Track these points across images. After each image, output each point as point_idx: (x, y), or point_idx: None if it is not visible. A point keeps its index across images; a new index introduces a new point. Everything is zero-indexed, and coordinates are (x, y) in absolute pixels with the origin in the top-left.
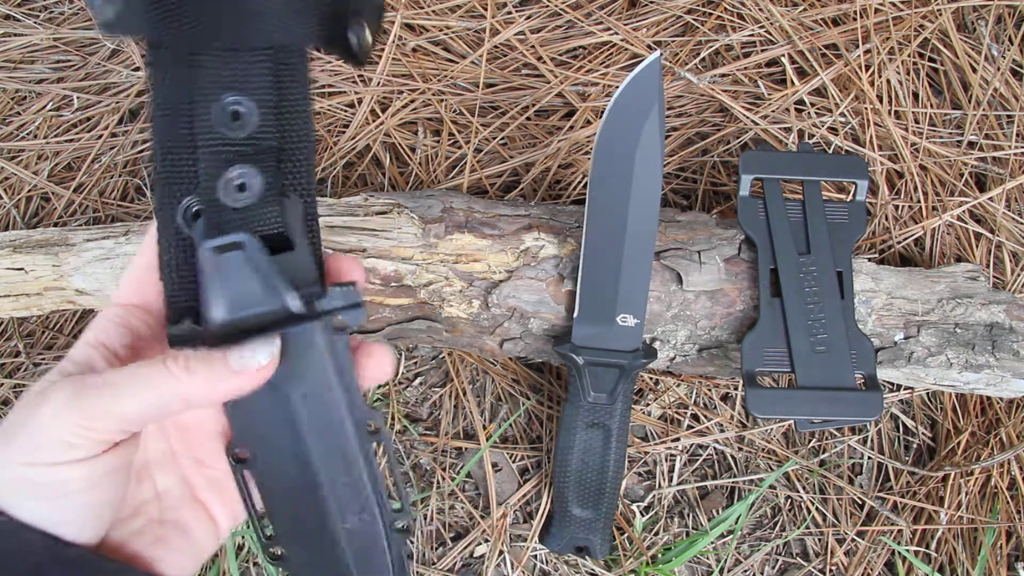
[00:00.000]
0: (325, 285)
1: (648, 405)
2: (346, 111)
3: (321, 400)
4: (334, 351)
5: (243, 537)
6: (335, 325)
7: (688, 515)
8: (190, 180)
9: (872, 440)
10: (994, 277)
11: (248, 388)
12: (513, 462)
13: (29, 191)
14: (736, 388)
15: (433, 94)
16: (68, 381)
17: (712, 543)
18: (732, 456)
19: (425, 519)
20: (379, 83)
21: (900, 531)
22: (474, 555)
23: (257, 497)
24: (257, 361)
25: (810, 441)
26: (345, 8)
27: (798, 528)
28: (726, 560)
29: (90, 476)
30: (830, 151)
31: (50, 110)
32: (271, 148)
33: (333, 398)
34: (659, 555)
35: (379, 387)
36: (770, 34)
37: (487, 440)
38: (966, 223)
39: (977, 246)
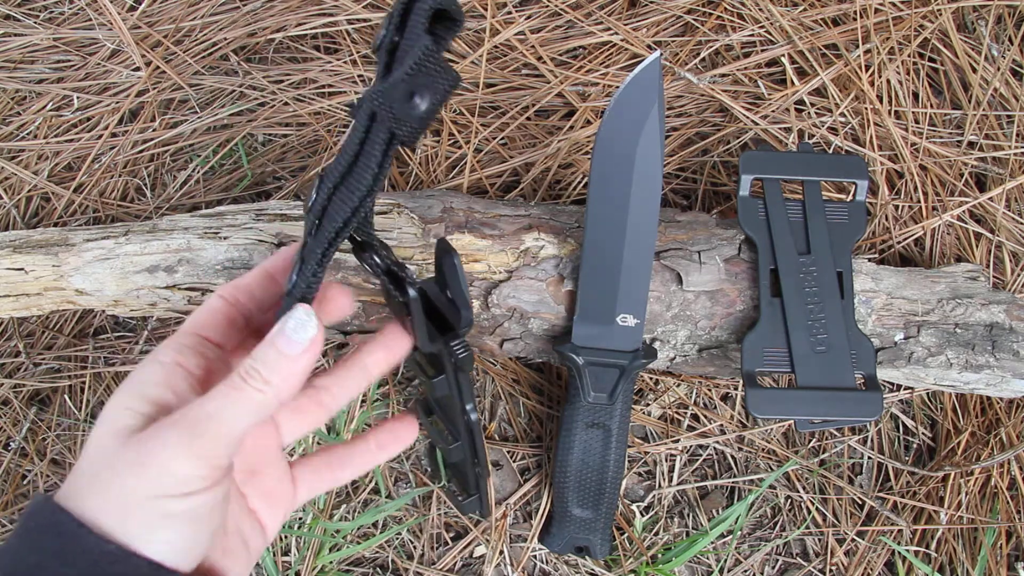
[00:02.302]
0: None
1: (648, 405)
2: (346, 111)
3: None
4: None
5: None
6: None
7: (688, 515)
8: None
9: (872, 440)
10: (994, 277)
11: (313, 358)
12: (513, 462)
13: (29, 191)
14: (736, 388)
15: None
16: (170, 423)
17: (712, 543)
18: (732, 456)
19: (425, 519)
20: None
21: (900, 531)
22: (474, 555)
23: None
24: (308, 334)
25: (810, 441)
26: None
27: (798, 528)
28: (726, 560)
29: (212, 501)
30: (830, 151)
31: (50, 110)
32: None
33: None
34: (659, 555)
35: (379, 387)
36: (770, 34)
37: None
38: (966, 223)
39: (977, 246)
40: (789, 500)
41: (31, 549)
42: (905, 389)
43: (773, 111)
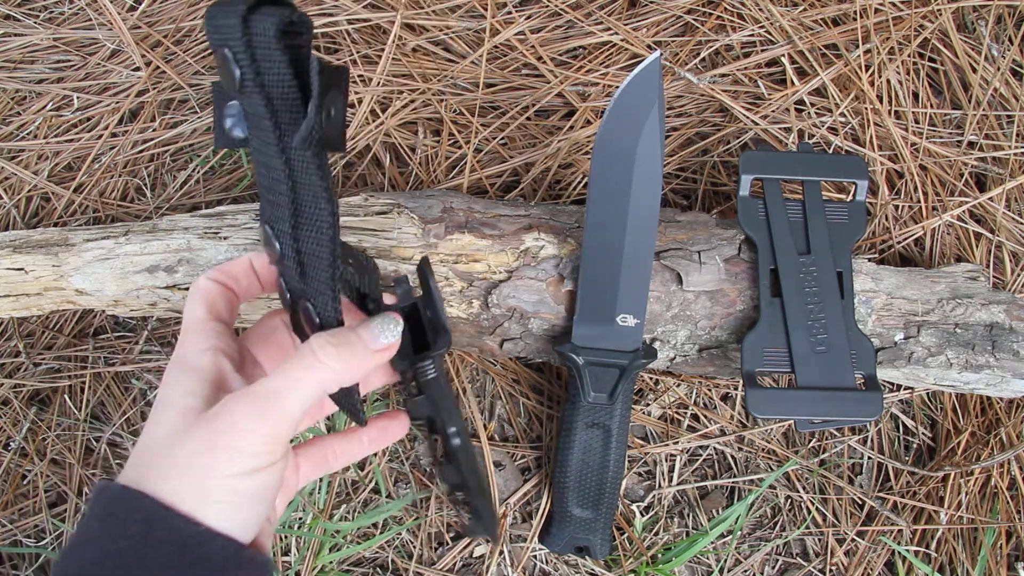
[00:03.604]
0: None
1: (648, 405)
2: (346, 111)
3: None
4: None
5: None
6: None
7: (688, 515)
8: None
9: (872, 440)
10: (994, 277)
11: (383, 360)
12: (513, 462)
13: (29, 191)
14: (736, 388)
15: (433, 94)
16: (238, 400)
17: (712, 543)
18: (732, 456)
19: (425, 519)
20: (379, 83)
21: (900, 531)
22: (474, 555)
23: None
24: (389, 339)
25: (810, 441)
26: None
27: (798, 528)
28: (726, 560)
29: (277, 476)
30: (830, 151)
31: (50, 110)
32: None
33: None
34: (659, 555)
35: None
36: (770, 34)
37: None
38: (966, 223)
39: (977, 246)
40: (789, 500)
41: (117, 535)
42: (905, 389)
43: (773, 111)
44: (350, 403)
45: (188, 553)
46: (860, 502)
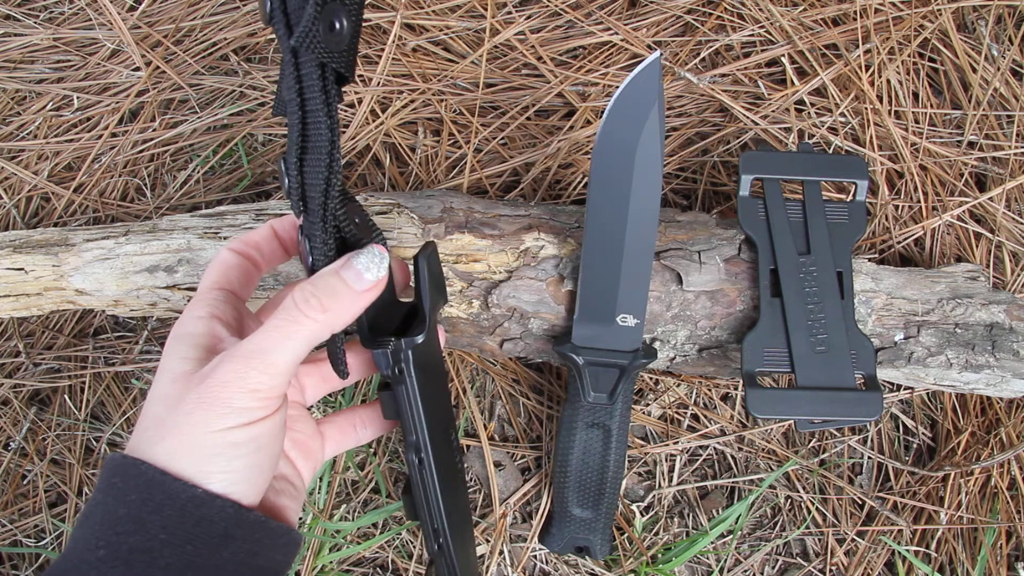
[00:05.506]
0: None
1: (648, 405)
2: (346, 111)
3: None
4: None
5: None
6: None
7: (688, 515)
8: None
9: (872, 440)
10: (994, 277)
11: (373, 298)
12: (513, 462)
13: (29, 191)
14: (736, 388)
15: (433, 94)
16: (227, 358)
17: (712, 543)
18: (732, 456)
19: None
20: (379, 83)
21: (900, 531)
22: None
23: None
24: (376, 275)
25: (810, 441)
26: None
27: (798, 528)
28: (726, 560)
29: (273, 428)
30: (830, 151)
31: (50, 110)
32: None
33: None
34: (659, 555)
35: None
36: (770, 34)
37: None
38: (966, 223)
39: (977, 246)
40: (789, 500)
41: (118, 502)
42: (905, 389)
43: (773, 111)
44: (333, 353)
45: (187, 516)
46: (860, 502)
